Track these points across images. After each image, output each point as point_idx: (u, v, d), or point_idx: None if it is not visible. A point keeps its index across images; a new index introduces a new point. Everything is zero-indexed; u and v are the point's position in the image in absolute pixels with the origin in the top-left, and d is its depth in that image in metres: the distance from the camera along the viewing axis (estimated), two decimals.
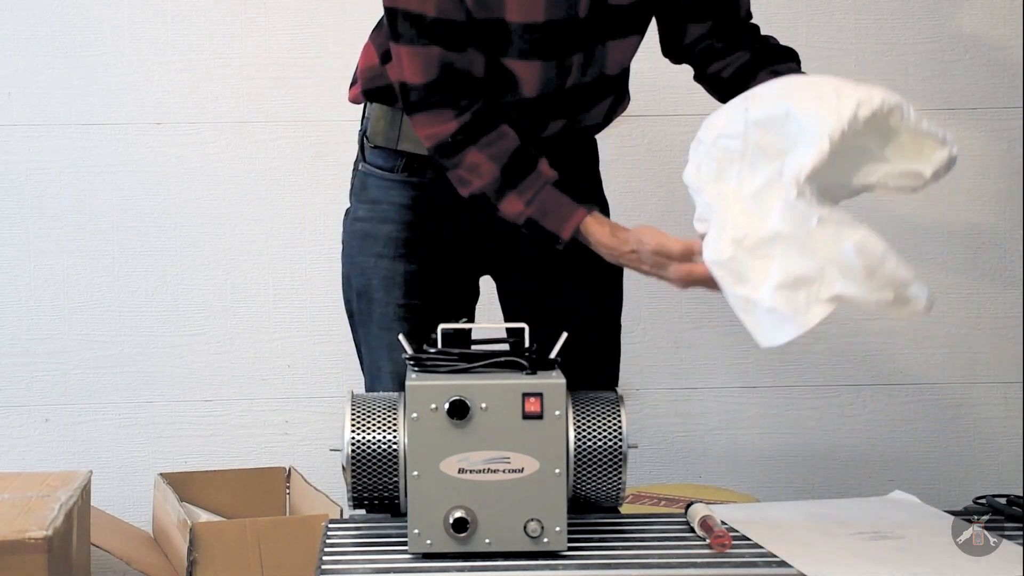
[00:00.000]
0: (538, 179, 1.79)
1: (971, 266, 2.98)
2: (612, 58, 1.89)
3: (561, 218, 1.78)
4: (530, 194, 1.78)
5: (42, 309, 2.88)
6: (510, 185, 1.78)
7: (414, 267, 1.92)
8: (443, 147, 1.80)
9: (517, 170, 1.79)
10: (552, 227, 1.78)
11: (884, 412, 2.99)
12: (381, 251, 1.93)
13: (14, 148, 2.85)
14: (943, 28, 2.92)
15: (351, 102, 2.00)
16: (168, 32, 2.85)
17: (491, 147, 1.79)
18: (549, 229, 1.78)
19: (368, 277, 1.94)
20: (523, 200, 1.78)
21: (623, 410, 1.62)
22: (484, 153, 1.78)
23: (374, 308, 1.94)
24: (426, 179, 1.92)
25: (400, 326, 1.87)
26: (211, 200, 2.88)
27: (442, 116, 1.79)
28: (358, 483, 1.60)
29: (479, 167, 1.79)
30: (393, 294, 1.92)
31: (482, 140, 1.79)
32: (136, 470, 2.89)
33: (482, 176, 1.79)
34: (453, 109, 1.78)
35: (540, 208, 1.78)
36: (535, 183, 1.79)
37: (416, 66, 1.77)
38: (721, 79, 1.94)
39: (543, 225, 1.78)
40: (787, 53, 1.94)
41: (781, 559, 1.54)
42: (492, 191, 1.79)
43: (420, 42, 1.76)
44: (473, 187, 1.80)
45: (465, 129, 1.78)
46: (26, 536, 2.04)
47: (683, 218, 2.91)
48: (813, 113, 1.53)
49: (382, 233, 1.93)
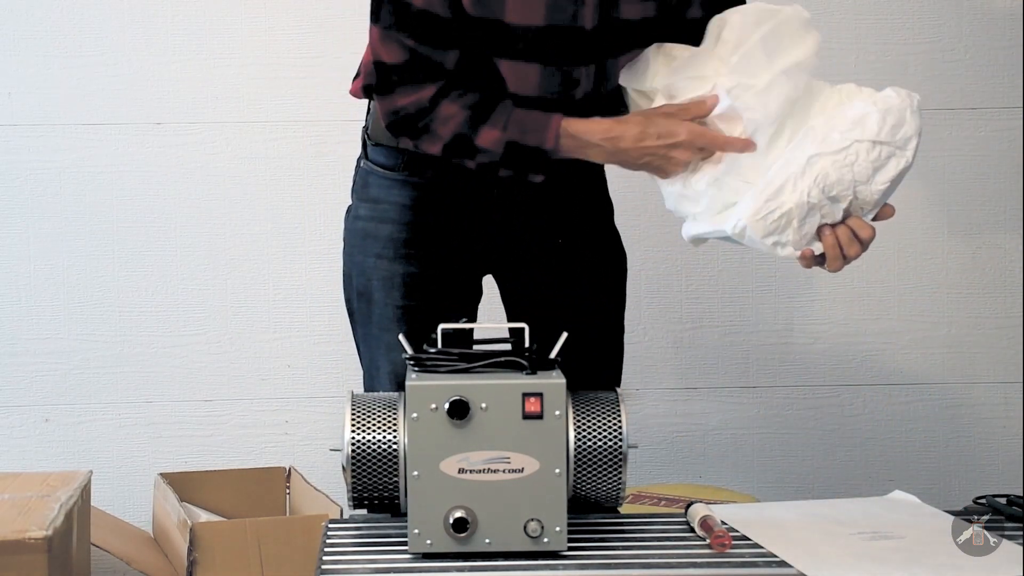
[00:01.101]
0: (506, 107, 1.78)
1: (971, 266, 2.98)
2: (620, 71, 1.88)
3: (539, 128, 1.77)
4: (503, 120, 1.77)
5: (42, 309, 2.88)
6: (482, 120, 1.77)
7: (414, 268, 1.92)
8: (421, 110, 1.78)
9: (486, 105, 1.78)
10: (534, 141, 1.77)
11: (884, 412, 2.99)
12: (381, 251, 1.93)
13: (14, 148, 2.85)
14: (943, 28, 2.92)
15: (352, 95, 1.99)
16: (168, 32, 2.85)
17: (463, 97, 1.78)
18: (532, 144, 1.77)
19: (368, 277, 1.94)
20: (498, 127, 1.77)
21: (623, 410, 1.62)
22: (456, 103, 1.78)
23: (374, 308, 1.94)
24: (427, 179, 1.92)
25: (399, 327, 1.87)
26: (211, 200, 2.88)
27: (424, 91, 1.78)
28: (358, 483, 1.60)
29: (450, 116, 1.78)
30: (392, 295, 1.92)
31: (453, 92, 1.78)
32: (136, 470, 2.89)
33: (453, 119, 1.78)
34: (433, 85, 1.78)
35: (516, 128, 1.77)
36: (504, 110, 1.78)
37: (392, 49, 1.77)
38: None
39: (526, 143, 1.78)
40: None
41: (781, 559, 1.54)
42: (466, 130, 1.77)
43: (395, 29, 1.76)
44: (445, 135, 1.79)
45: (443, 90, 1.78)
46: (26, 536, 2.04)
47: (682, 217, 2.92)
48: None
49: (383, 233, 1.93)
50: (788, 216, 1.70)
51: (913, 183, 2.96)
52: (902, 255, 2.97)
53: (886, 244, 2.96)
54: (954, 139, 2.94)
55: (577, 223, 1.98)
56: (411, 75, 1.78)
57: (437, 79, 1.79)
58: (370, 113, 1.97)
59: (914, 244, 2.96)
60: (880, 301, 2.98)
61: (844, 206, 1.72)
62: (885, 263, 2.95)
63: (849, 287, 2.97)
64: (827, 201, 1.70)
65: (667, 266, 2.92)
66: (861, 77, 2.91)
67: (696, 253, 2.91)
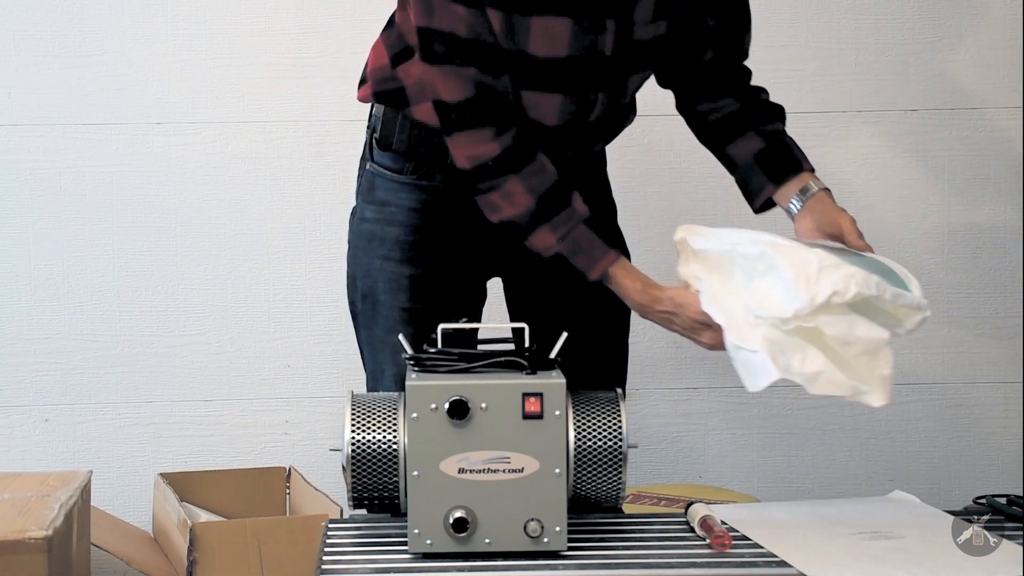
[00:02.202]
0: (572, 216, 1.79)
1: (971, 266, 2.98)
2: (629, 91, 1.91)
3: (591, 259, 1.79)
4: (563, 230, 1.78)
5: (42, 309, 2.88)
6: (544, 218, 1.78)
7: (420, 271, 1.91)
8: (482, 169, 1.78)
9: (552, 204, 1.79)
10: (581, 266, 1.80)
11: (884, 412, 2.98)
12: (388, 254, 1.93)
13: (14, 148, 2.85)
14: (943, 28, 2.92)
15: (360, 101, 1.99)
16: (168, 32, 2.85)
17: (531, 178, 1.78)
18: (577, 267, 1.80)
19: (374, 279, 1.94)
20: (555, 235, 1.78)
21: (623, 410, 1.62)
22: (523, 184, 1.78)
23: (379, 311, 1.93)
24: (435, 182, 1.91)
25: (405, 329, 1.87)
26: (211, 200, 2.88)
27: (481, 136, 1.77)
28: (358, 483, 1.60)
29: (515, 196, 1.78)
30: (399, 297, 1.92)
31: (524, 170, 1.78)
32: (136, 470, 2.89)
33: (516, 206, 1.78)
34: (492, 128, 1.77)
35: (571, 246, 1.79)
36: (569, 220, 1.79)
37: (451, 85, 1.76)
38: (708, 122, 1.97)
39: (572, 263, 1.80)
40: (774, 112, 1.96)
41: (781, 559, 1.54)
42: (524, 221, 1.79)
43: (454, 61, 1.75)
44: (504, 214, 1.80)
45: (507, 153, 1.78)
46: (26, 536, 2.04)
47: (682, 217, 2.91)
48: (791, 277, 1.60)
49: (389, 236, 1.93)
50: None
51: (913, 183, 2.97)
52: (902, 255, 2.95)
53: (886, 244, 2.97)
54: (954, 139, 2.94)
55: None
56: (473, 113, 1.78)
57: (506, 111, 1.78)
58: (375, 116, 1.96)
59: (914, 244, 2.96)
60: None
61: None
62: None
63: None
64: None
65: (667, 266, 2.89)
66: (861, 77, 2.94)
67: None
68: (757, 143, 1.92)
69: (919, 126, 2.94)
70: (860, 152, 2.95)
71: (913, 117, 2.94)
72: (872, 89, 2.93)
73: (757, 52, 1.98)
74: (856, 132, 2.93)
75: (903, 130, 2.94)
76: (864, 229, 1.77)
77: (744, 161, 1.94)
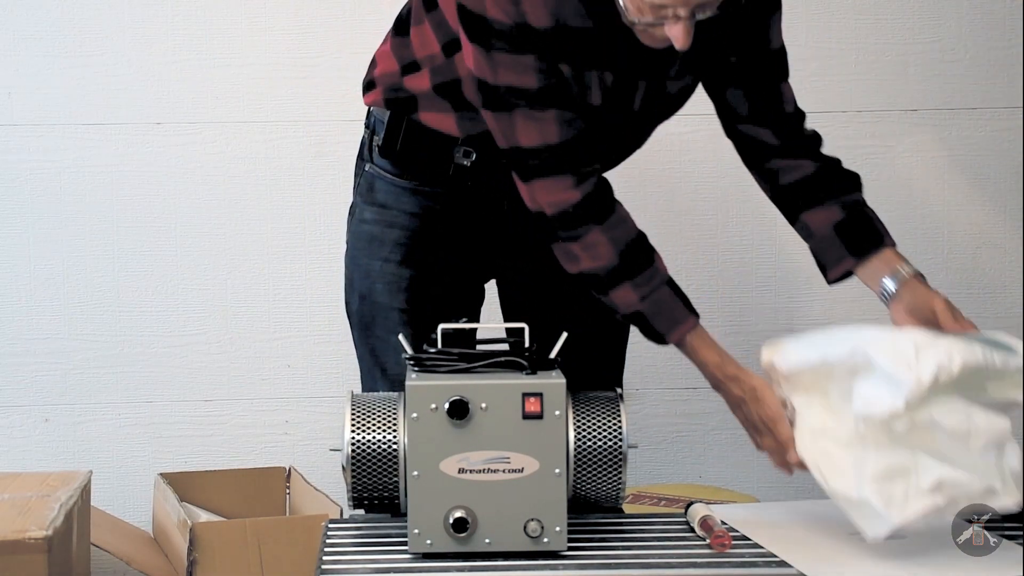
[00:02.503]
0: (655, 276, 1.77)
1: (971, 266, 2.98)
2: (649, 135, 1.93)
3: (672, 321, 1.77)
4: (646, 290, 1.76)
5: (42, 309, 2.88)
6: (627, 275, 1.76)
7: (419, 272, 1.91)
8: (564, 217, 1.75)
9: (635, 261, 1.77)
10: (661, 328, 1.77)
11: None
12: (387, 255, 1.92)
13: (14, 148, 2.85)
14: (943, 28, 2.92)
15: (367, 105, 1.97)
16: (168, 32, 2.85)
17: (613, 230, 1.76)
18: (656, 328, 1.77)
19: (372, 280, 1.93)
20: (638, 294, 1.76)
21: (623, 410, 1.62)
22: (606, 235, 1.75)
23: (377, 312, 1.93)
24: (437, 188, 1.91)
25: (403, 331, 1.87)
26: (211, 200, 2.88)
27: (563, 183, 1.75)
28: (358, 483, 1.60)
29: (597, 247, 1.75)
30: (397, 299, 1.91)
31: (607, 221, 1.76)
32: (136, 470, 2.89)
33: (598, 259, 1.76)
34: (573, 175, 1.75)
35: (653, 307, 1.76)
36: (652, 279, 1.77)
37: (531, 131, 1.73)
38: (780, 183, 1.92)
39: (651, 323, 1.77)
40: (852, 180, 1.92)
41: (781, 559, 1.54)
42: (606, 275, 1.76)
43: (535, 107, 1.72)
44: (584, 266, 1.77)
45: (589, 200, 1.75)
46: (26, 536, 2.04)
47: (682, 217, 2.93)
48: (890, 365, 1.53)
49: (389, 238, 1.92)
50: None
51: (913, 183, 2.97)
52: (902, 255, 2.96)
53: None
54: (954, 139, 2.94)
55: None
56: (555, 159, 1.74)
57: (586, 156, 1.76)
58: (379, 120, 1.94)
59: (914, 244, 2.95)
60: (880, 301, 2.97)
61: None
62: None
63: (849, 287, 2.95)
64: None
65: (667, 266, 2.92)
66: (861, 77, 2.94)
67: (696, 253, 2.92)
68: (838, 213, 1.88)
69: (919, 126, 2.94)
70: (860, 152, 2.94)
71: (913, 117, 2.94)
72: (872, 89, 2.93)
73: None
74: (856, 132, 2.93)
75: (903, 130, 2.94)
76: None
77: (821, 231, 1.89)
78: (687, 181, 2.92)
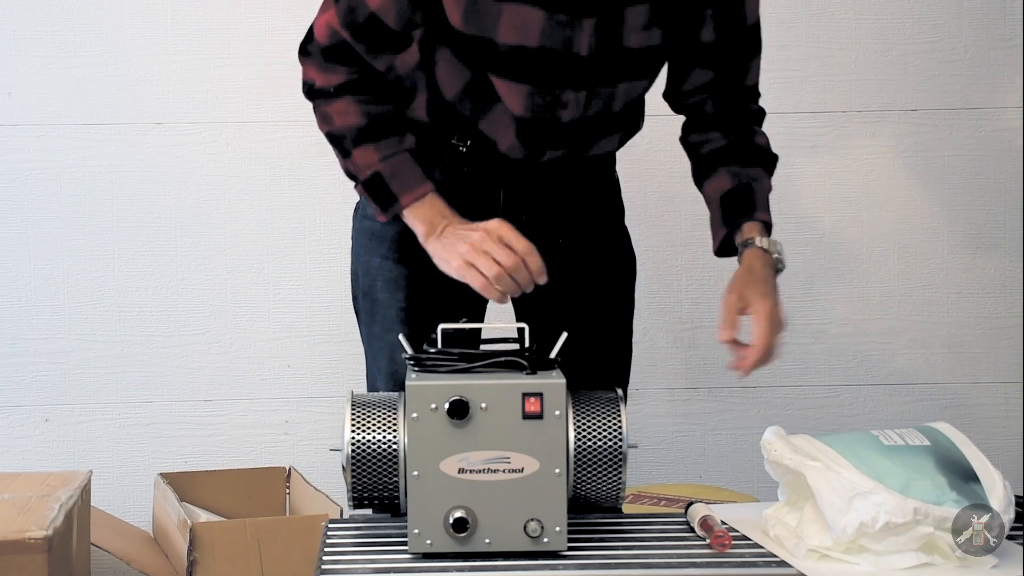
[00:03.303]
0: (400, 143, 1.81)
1: (971, 266, 2.98)
2: (620, 98, 1.86)
3: (407, 184, 1.80)
4: (388, 151, 1.80)
5: (42, 309, 2.88)
6: (371, 137, 1.80)
7: (417, 270, 1.90)
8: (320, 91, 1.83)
9: (383, 126, 1.81)
10: (396, 189, 1.80)
11: (884, 412, 2.99)
12: (387, 252, 1.92)
13: (14, 148, 2.85)
14: (943, 28, 2.92)
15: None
16: (168, 32, 2.85)
17: (368, 105, 1.81)
18: (392, 190, 1.80)
19: (373, 277, 1.94)
20: (379, 154, 1.80)
21: (623, 410, 1.61)
22: (358, 105, 1.80)
23: (377, 309, 1.93)
24: (434, 180, 1.90)
25: (402, 328, 1.87)
26: (211, 200, 2.88)
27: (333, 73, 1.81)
28: (358, 483, 1.60)
29: (348, 114, 1.81)
30: (396, 296, 1.92)
31: (362, 96, 1.81)
32: (136, 470, 2.89)
33: (347, 119, 1.81)
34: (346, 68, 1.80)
35: (392, 167, 1.80)
36: (396, 144, 1.81)
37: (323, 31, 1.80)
38: (697, 154, 1.94)
39: (388, 184, 1.80)
40: (762, 158, 1.90)
41: (781, 559, 1.54)
42: (351, 135, 1.80)
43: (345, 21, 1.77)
44: (333, 127, 1.82)
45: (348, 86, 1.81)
46: (26, 536, 2.04)
47: (682, 217, 2.93)
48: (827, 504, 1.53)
49: (388, 234, 1.92)
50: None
51: (913, 183, 2.97)
52: (902, 255, 2.97)
53: (886, 244, 2.97)
54: (954, 139, 2.94)
55: (585, 225, 1.96)
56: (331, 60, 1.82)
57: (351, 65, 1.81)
58: None
59: (914, 244, 2.96)
60: (880, 301, 2.98)
61: None
62: (885, 263, 2.96)
63: (849, 287, 2.97)
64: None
65: (667, 266, 2.93)
66: (861, 77, 2.94)
67: (696, 253, 2.92)
68: (727, 183, 1.88)
69: (919, 126, 2.94)
70: (860, 152, 2.95)
71: (913, 117, 2.94)
72: (872, 89, 2.93)
73: None
74: (856, 132, 2.93)
75: (903, 130, 2.94)
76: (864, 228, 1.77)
77: (712, 200, 1.90)
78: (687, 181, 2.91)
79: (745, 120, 1.93)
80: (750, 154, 1.91)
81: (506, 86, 1.80)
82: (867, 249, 2.95)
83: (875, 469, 1.53)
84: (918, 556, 1.51)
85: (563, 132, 1.85)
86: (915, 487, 1.51)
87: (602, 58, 1.78)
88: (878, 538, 1.51)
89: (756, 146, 1.92)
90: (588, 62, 1.78)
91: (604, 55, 1.78)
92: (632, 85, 1.85)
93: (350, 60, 1.81)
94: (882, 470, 1.53)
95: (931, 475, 1.53)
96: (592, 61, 1.78)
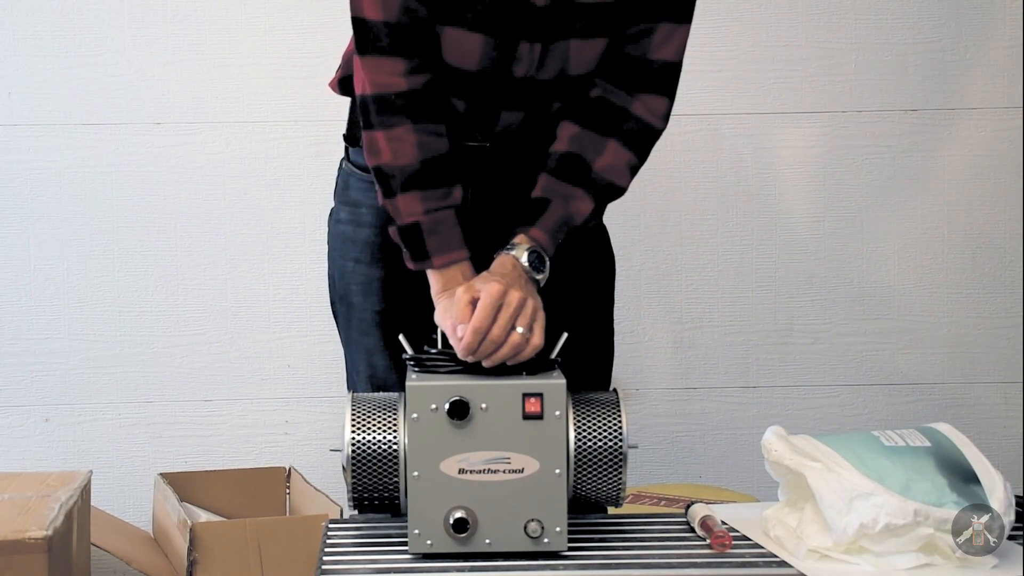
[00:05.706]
0: (448, 195, 1.72)
1: (971, 266, 2.98)
2: (575, 58, 1.78)
3: (445, 246, 1.71)
4: (433, 204, 1.71)
5: (42, 309, 2.88)
6: (420, 184, 1.71)
7: (391, 273, 1.86)
8: (382, 102, 1.70)
9: (435, 173, 1.71)
10: (431, 247, 1.71)
11: (884, 412, 2.99)
12: (359, 256, 1.89)
13: (14, 148, 2.85)
14: (943, 28, 2.92)
15: (330, 87, 1.93)
16: (168, 32, 2.85)
17: (426, 135, 1.71)
18: (427, 247, 1.71)
19: (348, 281, 1.91)
20: (424, 206, 1.71)
21: (623, 410, 1.61)
22: (416, 136, 1.70)
23: (353, 313, 1.91)
24: None
25: (377, 331, 1.85)
26: (211, 200, 2.88)
27: (393, 66, 1.69)
28: (358, 483, 1.60)
29: (403, 146, 1.70)
30: (371, 300, 1.89)
31: (423, 123, 1.71)
32: (136, 470, 2.90)
33: (399, 157, 1.70)
34: (407, 61, 1.69)
35: (434, 222, 1.71)
36: (442, 198, 1.71)
37: (376, 3, 1.69)
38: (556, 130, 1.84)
39: (424, 239, 1.71)
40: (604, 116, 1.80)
41: (781, 559, 1.54)
42: (400, 177, 1.70)
43: None
44: (382, 161, 1.71)
45: (412, 96, 1.70)
46: (26, 536, 2.04)
47: (682, 217, 2.93)
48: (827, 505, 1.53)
49: (360, 237, 1.89)
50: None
51: (913, 183, 2.97)
52: (902, 255, 2.97)
53: (886, 244, 2.97)
54: (954, 139, 2.94)
55: None
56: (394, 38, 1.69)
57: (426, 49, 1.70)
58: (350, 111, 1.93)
59: (914, 244, 2.96)
60: (880, 301, 2.98)
61: None
62: (885, 263, 2.96)
63: (849, 287, 2.97)
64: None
65: (667, 266, 2.93)
66: (861, 77, 2.94)
67: (696, 253, 2.92)
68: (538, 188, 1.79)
69: (919, 126, 2.94)
70: (860, 152, 2.95)
71: (913, 117, 2.94)
72: (872, 89, 2.93)
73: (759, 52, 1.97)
74: (856, 132, 2.94)
75: (903, 130, 2.94)
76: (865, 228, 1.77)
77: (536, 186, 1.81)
78: (687, 181, 2.92)
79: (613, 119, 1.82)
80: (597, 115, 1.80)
81: (458, 36, 1.73)
82: (867, 249, 2.95)
83: (875, 470, 1.53)
84: (918, 557, 1.51)
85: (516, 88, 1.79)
86: (915, 488, 1.52)
87: (555, 10, 1.72)
88: (878, 539, 1.51)
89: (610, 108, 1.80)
90: (543, 13, 1.72)
91: (557, 7, 1.72)
92: (586, 43, 1.77)
93: (414, 41, 1.69)
94: (882, 471, 1.53)
95: (931, 476, 1.53)
96: (546, 13, 1.72)
